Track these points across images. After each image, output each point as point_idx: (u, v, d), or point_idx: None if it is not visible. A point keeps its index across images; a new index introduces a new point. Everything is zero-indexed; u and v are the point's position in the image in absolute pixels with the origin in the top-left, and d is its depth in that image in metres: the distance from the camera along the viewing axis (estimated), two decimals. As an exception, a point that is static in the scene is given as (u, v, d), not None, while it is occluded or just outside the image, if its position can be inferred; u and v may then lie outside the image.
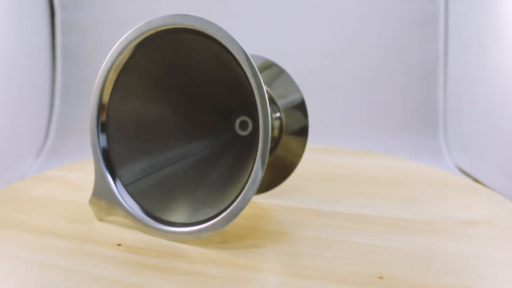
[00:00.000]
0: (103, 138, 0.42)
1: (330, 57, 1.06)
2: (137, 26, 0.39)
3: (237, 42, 0.35)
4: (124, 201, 0.41)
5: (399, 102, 1.07)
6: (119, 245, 0.39)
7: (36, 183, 0.55)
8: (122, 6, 1.03)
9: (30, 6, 0.95)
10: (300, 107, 0.48)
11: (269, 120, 0.35)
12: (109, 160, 0.42)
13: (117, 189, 0.42)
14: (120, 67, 0.41)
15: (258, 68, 0.37)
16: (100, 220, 0.43)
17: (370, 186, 0.55)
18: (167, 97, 0.45)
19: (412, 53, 1.05)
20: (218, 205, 0.38)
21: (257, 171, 0.35)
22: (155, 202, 0.42)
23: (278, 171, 0.49)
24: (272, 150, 0.47)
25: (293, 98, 0.49)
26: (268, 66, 0.51)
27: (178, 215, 0.40)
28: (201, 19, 0.37)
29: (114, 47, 0.40)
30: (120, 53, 0.40)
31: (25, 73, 0.91)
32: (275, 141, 0.47)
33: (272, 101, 0.48)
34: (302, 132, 0.47)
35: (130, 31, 0.39)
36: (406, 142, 1.02)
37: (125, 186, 0.42)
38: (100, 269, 0.34)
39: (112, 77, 0.41)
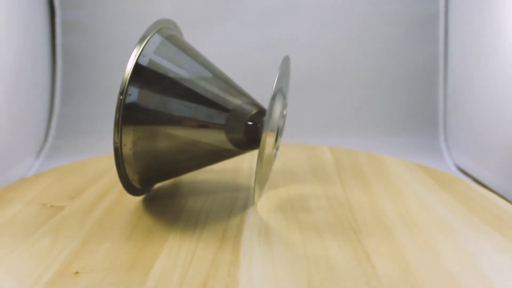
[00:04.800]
0: None
1: (330, 57, 1.06)
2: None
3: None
4: None
5: (399, 102, 1.07)
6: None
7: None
8: (122, 6, 1.03)
9: (30, 6, 0.95)
10: None
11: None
12: None
13: None
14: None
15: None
16: None
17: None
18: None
19: (412, 53, 1.05)
20: None
21: None
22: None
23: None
24: None
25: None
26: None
27: None
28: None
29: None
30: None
31: (25, 73, 0.91)
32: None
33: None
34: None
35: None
36: (406, 142, 1.02)
37: None
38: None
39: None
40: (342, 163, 0.67)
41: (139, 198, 0.53)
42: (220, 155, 0.49)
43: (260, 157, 0.44)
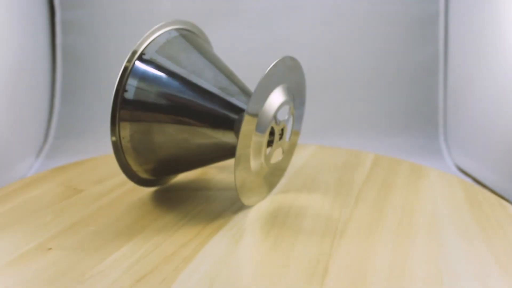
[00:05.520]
0: None
1: (330, 57, 1.06)
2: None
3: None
4: None
5: (399, 102, 1.06)
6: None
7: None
8: (122, 6, 1.03)
9: (30, 6, 0.95)
10: None
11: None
12: None
13: None
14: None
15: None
16: None
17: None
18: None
19: (412, 53, 1.05)
20: None
21: None
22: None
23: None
24: None
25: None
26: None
27: None
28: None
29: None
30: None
31: (25, 73, 0.91)
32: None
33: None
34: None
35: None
36: (406, 142, 1.02)
37: None
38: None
39: None
40: (376, 173, 0.62)
41: (153, 189, 0.54)
42: (232, 152, 0.48)
43: (238, 158, 0.42)
